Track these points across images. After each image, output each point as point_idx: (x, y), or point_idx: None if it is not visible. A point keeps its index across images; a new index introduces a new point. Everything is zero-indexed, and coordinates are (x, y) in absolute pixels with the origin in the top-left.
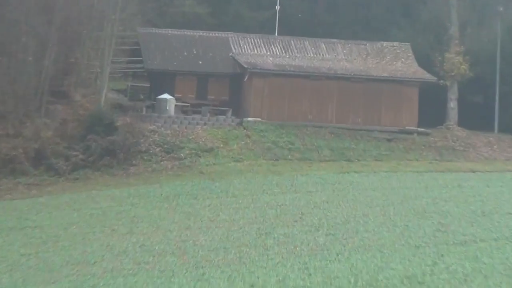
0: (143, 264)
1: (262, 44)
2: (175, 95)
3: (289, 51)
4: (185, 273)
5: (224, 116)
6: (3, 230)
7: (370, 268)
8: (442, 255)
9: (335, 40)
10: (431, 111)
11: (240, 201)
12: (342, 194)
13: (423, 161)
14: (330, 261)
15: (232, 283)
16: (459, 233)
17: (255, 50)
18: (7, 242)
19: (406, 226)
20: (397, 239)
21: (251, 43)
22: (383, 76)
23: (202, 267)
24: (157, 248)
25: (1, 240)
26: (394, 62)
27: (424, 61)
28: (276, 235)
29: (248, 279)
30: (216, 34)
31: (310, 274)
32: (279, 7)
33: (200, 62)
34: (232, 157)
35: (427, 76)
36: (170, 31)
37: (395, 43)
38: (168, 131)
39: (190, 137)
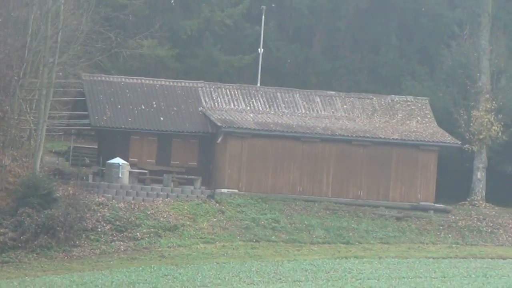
0: None
1: (240, 96)
2: (130, 159)
3: (275, 105)
4: None
5: (191, 187)
6: None
7: None
8: None
9: (333, 92)
10: (452, 183)
11: None
12: (338, 284)
13: (440, 244)
14: None
15: None
16: None
17: (232, 104)
18: None
19: None
20: None
21: (227, 95)
22: (393, 139)
23: None
24: None
25: None
26: (408, 121)
27: (445, 120)
28: None
29: None
30: (183, 84)
31: None
32: (262, 49)
33: (162, 119)
34: (201, 238)
35: (449, 139)
36: (123, 79)
37: (410, 98)
38: (121, 204)
39: (149, 212)
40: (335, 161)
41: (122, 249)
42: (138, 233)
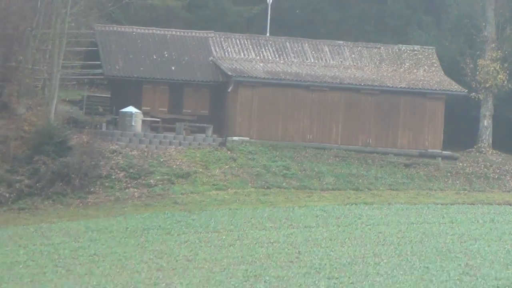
0: None
1: (250, 46)
2: (143, 108)
3: (284, 55)
4: None
5: (203, 135)
6: None
7: None
8: None
9: (342, 42)
10: (459, 130)
11: (224, 237)
12: (349, 230)
13: (448, 191)
14: None
15: None
16: (490, 277)
17: (242, 54)
18: None
19: (427, 268)
20: (416, 285)
21: (237, 44)
22: (400, 87)
23: None
24: None
25: None
26: (415, 70)
27: (452, 69)
28: (267, 278)
29: None
30: (193, 34)
31: None
32: (271, 0)
33: (173, 68)
34: (213, 184)
35: (456, 88)
36: (135, 29)
37: (416, 47)
38: (134, 152)
39: (162, 160)
40: (344, 110)
41: (136, 196)
42: (151, 180)
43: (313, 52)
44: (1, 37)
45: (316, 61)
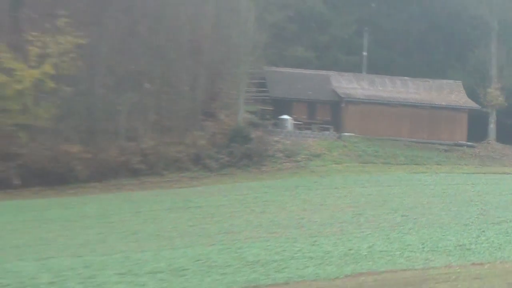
0: (273, 234)
1: (354, 79)
2: (292, 116)
3: (374, 85)
4: (303, 240)
5: (327, 132)
6: (174, 209)
7: (433, 239)
8: (483, 231)
9: (407, 78)
10: (476, 130)
11: (340, 192)
12: (413, 188)
13: (470, 166)
14: (404, 233)
15: (336, 247)
16: (496, 216)
17: (349, 84)
18: (178, 217)
19: (458, 210)
20: (452, 220)
21: (346, 79)
22: (442, 105)
23: (315, 236)
24: (283, 223)
25: (173, 215)
26: (450, 95)
27: (471, 94)
28: (366, 216)
29: (347, 245)
30: (321, 72)
31: (391, 242)
32: (366, 53)
33: (310, 92)
34: (334, 161)
35: (474, 105)
36: (287, 69)
37: (451, 81)
38: (288, 142)
39: (304, 146)
40: (409, 118)
41: (289, 167)
42: (298, 158)
43: (390, 83)
44: (210, 74)
45: (392, 89)
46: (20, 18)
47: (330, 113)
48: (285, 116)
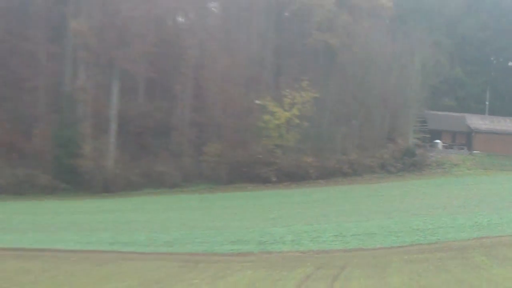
0: (428, 212)
1: (480, 119)
2: (441, 140)
3: (493, 122)
4: (446, 216)
5: (463, 150)
6: (367, 196)
7: None
8: None
9: None
10: None
11: (471, 187)
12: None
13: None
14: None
15: (467, 221)
16: None
17: (477, 121)
18: (369, 201)
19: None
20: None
21: (476, 118)
22: None
23: (454, 214)
24: (434, 205)
25: (366, 200)
26: None
27: None
28: (487, 201)
29: (474, 219)
30: (458, 115)
31: (501, 218)
32: (488, 102)
33: (453, 126)
34: (466, 168)
35: None
36: (439, 112)
37: None
38: (439, 156)
39: (448, 159)
40: None
41: (439, 172)
42: (444, 166)
43: (504, 121)
44: (390, 115)
45: (504, 123)
46: (279, 81)
47: (465, 139)
48: (437, 141)
